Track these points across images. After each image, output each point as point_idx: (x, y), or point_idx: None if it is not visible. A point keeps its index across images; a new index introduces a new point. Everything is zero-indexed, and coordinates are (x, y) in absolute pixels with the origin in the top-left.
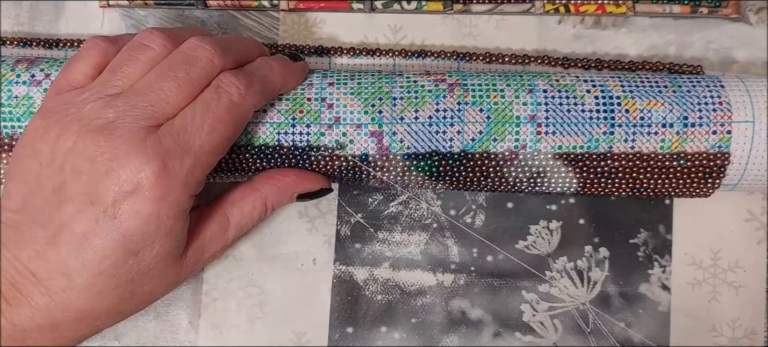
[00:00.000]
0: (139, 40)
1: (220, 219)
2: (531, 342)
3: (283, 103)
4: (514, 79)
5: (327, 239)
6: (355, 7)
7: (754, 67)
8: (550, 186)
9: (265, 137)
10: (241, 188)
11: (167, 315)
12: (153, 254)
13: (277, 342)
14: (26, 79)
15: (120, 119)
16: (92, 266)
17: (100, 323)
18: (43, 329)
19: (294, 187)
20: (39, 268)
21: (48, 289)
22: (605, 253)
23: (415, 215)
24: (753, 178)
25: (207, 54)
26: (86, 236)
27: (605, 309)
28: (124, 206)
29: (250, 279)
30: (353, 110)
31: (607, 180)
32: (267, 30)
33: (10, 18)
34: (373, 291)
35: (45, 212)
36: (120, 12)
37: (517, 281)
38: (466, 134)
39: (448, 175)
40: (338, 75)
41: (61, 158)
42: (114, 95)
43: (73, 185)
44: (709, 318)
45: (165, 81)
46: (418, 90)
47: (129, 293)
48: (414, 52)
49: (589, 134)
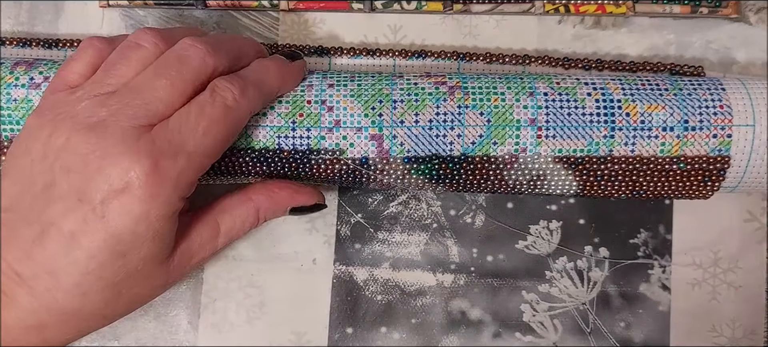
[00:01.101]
0: (132, 39)
1: (210, 226)
2: (531, 342)
3: (282, 106)
4: (515, 81)
5: (327, 240)
6: (355, 7)
7: (754, 68)
8: (549, 189)
9: (265, 141)
10: (235, 197)
11: (167, 316)
12: (141, 256)
13: (277, 342)
14: (25, 81)
15: (112, 118)
16: (79, 266)
17: (86, 325)
18: (28, 330)
19: (288, 201)
20: (24, 268)
21: (33, 289)
22: (605, 253)
23: (415, 216)
24: (752, 180)
25: (199, 53)
26: (74, 235)
27: (605, 309)
28: (113, 205)
29: (249, 279)
30: (353, 113)
31: (607, 183)
32: (266, 30)
33: (10, 18)
34: (373, 291)
35: (34, 210)
36: (120, 12)
37: (517, 281)
38: (467, 138)
39: (448, 178)
40: (338, 76)
41: (52, 156)
42: (107, 93)
43: (63, 183)
44: (709, 318)
45: (158, 80)
46: (419, 93)
47: (116, 295)
48: (414, 53)
49: (589, 137)
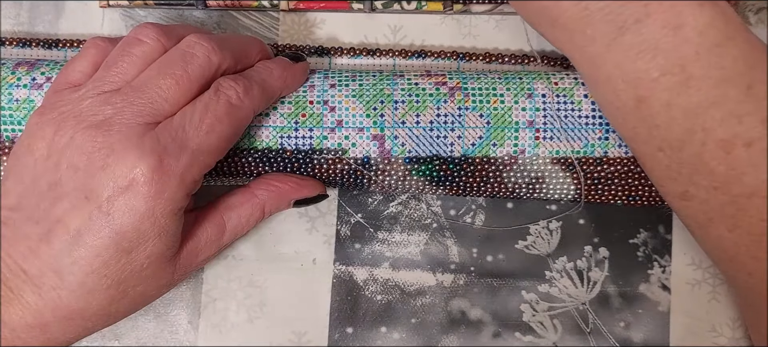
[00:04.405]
0: (133, 35)
1: (216, 223)
2: (531, 342)
3: (285, 106)
4: (514, 81)
5: (327, 239)
6: (355, 7)
7: None
8: (548, 193)
9: (268, 141)
10: (239, 193)
11: (167, 315)
12: (146, 254)
13: (277, 342)
14: (27, 82)
15: (117, 116)
16: (84, 264)
17: (91, 324)
18: (32, 328)
19: (292, 194)
20: (31, 266)
21: (39, 287)
22: (605, 253)
23: (414, 215)
24: None
25: (204, 51)
26: (80, 233)
27: (605, 309)
28: (118, 203)
29: (250, 279)
30: (355, 114)
31: (604, 186)
32: (267, 30)
33: (10, 18)
34: (373, 291)
35: (40, 208)
36: (120, 12)
37: (517, 281)
38: (467, 139)
39: (448, 179)
40: (340, 76)
41: (57, 154)
42: (111, 91)
43: (68, 181)
44: (709, 318)
45: (163, 78)
46: (420, 94)
47: (121, 293)
48: (414, 53)
49: (585, 139)
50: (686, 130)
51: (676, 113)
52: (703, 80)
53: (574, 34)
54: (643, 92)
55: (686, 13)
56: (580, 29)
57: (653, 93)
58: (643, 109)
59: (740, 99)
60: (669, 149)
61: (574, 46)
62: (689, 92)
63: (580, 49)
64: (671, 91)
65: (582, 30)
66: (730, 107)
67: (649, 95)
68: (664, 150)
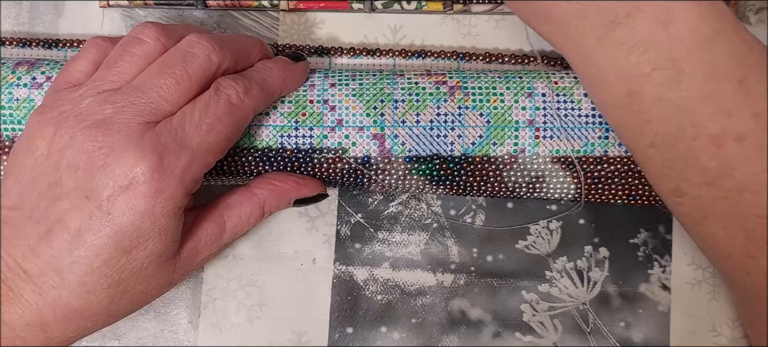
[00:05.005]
0: (133, 34)
1: (216, 222)
2: (531, 342)
3: (285, 105)
4: (514, 80)
5: (327, 239)
6: (355, 7)
7: None
8: (548, 192)
9: (268, 140)
10: (239, 192)
11: (167, 315)
12: (146, 253)
13: (277, 342)
14: (27, 81)
15: (117, 115)
16: (85, 263)
17: (91, 323)
18: (31, 327)
19: (292, 193)
20: (31, 265)
21: (39, 286)
22: (605, 253)
23: (415, 215)
24: None
25: (204, 50)
26: (80, 232)
27: (605, 309)
28: (118, 202)
29: (250, 279)
30: (356, 113)
31: (604, 186)
32: (267, 30)
33: (10, 18)
34: (373, 291)
35: (40, 208)
36: (120, 12)
37: (517, 281)
38: (467, 138)
39: (448, 179)
40: (340, 75)
41: (57, 153)
42: (111, 90)
43: (69, 181)
44: (709, 318)
45: (163, 78)
46: (420, 93)
47: (121, 292)
48: (414, 53)
49: (585, 138)
50: (677, 125)
51: (668, 108)
52: (693, 75)
53: (568, 29)
54: (634, 86)
55: (677, 8)
56: (573, 24)
57: (644, 88)
58: (635, 104)
59: (731, 94)
60: (661, 145)
61: (569, 42)
62: (680, 86)
63: (575, 45)
64: (662, 86)
65: (575, 24)
66: (721, 101)
67: (641, 90)
68: (656, 146)
